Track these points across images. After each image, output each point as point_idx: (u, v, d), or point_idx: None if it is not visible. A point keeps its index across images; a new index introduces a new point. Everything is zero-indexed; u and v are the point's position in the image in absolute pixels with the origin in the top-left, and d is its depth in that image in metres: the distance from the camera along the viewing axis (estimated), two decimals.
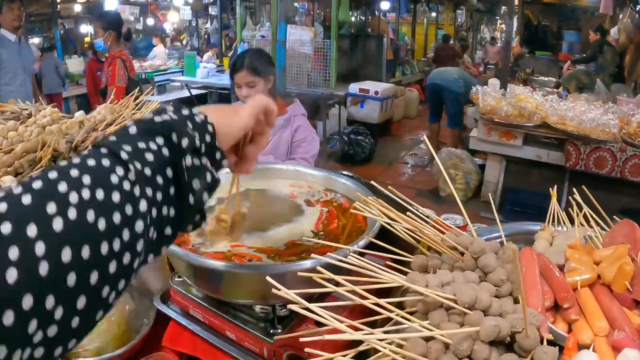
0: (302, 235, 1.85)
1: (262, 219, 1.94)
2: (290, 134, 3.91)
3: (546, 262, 1.67)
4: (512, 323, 1.30)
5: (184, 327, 1.87)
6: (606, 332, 1.46)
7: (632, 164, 6.03)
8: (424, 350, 1.28)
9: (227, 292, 1.73)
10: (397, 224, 1.66)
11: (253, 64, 3.77)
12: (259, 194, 2.18)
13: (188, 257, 1.60)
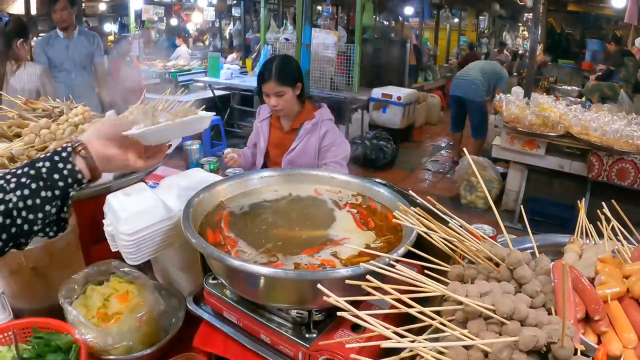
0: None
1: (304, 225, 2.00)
2: (318, 139, 3.94)
3: (577, 274, 1.71)
4: (549, 334, 1.34)
5: (216, 328, 1.89)
6: (635, 344, 1.51)
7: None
8: (465, 358, 1.33)
9: (268, 297, 1.75)
10: (435, 234, 1.70)
11: (281, 74, 3.80)
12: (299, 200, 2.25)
13: (224, 260, 1.63)
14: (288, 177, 2.39)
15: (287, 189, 2.31)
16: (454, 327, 1.39)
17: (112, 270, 2.10)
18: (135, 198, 2.04)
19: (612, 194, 6.23)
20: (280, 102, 3.85)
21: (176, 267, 2.27)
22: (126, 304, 1.98)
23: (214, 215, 2.03)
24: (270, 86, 3.82)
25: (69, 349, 1.75)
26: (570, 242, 2.04)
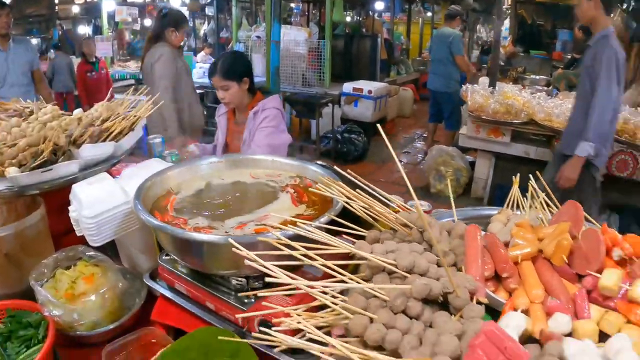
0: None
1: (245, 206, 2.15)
2: (255, 125, 4.07)
3: (492, 239, 1.82)
4: (443, 284, 1.48)
5: (170, 301, 2.05)
6: (541, 299, 1.60)
7: (619, 159, 6.11)
8: (365, 305, 1.46)
9: (199, 262, 1.94)
10: (355, 203, 1.85)
11: (225, 68, 3.98)
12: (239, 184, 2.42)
13: (166, 229, 1.83)
14: (234, 162, 2.57)
15: (232, 174, 2.49)
16: (355, 278, 1.53)
17: (79, 255, 2.29)
18: (97, 186, 2.27)
19: None
20: (226, 95, 4.04)
21: (138, 250, 2.44)
22: (91, 284, 2.14)
23: (163, 200, 2.20)
24: (215, 80, 4.01)
25: (39, 325, 1.90)
26: (498, 213, 2.14)
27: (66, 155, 2.63)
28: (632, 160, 6.05)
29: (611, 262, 1.75)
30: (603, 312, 1.57)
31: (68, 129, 2.71)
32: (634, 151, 6.01)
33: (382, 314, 1.42)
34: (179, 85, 5.91)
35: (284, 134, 4.18)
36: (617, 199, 6.52)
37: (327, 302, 1.47)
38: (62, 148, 2.60)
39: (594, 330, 1.48)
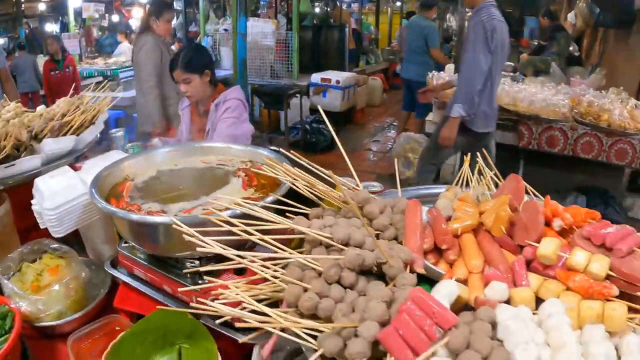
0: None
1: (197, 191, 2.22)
2: (218, 117, 4.12)
3: (435, 213, 1.85)
4: (377, 255, 1.52)
5: (131, 287, 2.12)
6: (480, 270, 1.64)
7: (584, 142, 6.17)
8: (300, 276, 1.52)
9: (151, 245, 2.02)
10: (299, 183, 1.91)
11: (186, 62, 4.00)
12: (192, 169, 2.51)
13: (115, 213, 1.95)
14: (188, 150, 2.66)
15: (186, 162, 2.57)
16: (292, 251, 1.58)
17: (44, 248, 2.35)
18: (58, 178, 2.33)
19: (544, 161, 6.47)
20: (188, 88, 4.06)
21: (101, 241, 2.51)
22: (56, 275, 2.20)
23: (119, 187, 2.27)
24: (177, 74, 4.03)
25: (5, 316, 1.91)
26: (446, 190, 2.17)
27: (28, 150, 2.70)
28: (596, 142, 6.12)
29: (552, 232, 1.78)
30: (542, 280, 1.60)
31: (30, 125, 2.77)
32: (598, 133, 6.06)
33: (315, 283, 1.46)
34: (165, 75, 5.87)
35: (245, 124, 4.22)
36: (583, 180, 6.63)
37: (265, 275, 1.53)
38: (24, 144, 2.67)
39: (529, 297, 1.51)
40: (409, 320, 1.28)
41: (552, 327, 1.36)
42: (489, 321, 1.36)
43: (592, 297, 1.51)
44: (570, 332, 1.33)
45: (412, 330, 1.27)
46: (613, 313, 1.44)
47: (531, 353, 1.27)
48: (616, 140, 6.03)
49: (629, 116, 5.98)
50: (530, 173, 6.49)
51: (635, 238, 1.63)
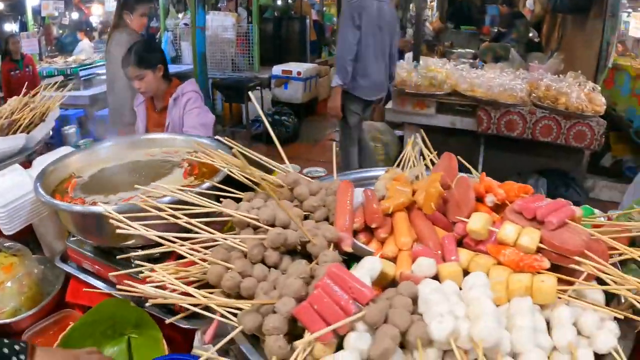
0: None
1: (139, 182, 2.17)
2: (180, 110, 4.11)
3: (367, 193, 1.84)
4: (300, 234, 1.55)
5: (80, 280, 2.16)
6: (409, 247, 1.64)
7: (542, 125, 6.19)
8: (225, 257, 1.55)
9: (91, 236, 2.08)
10: (235, 169, 1.97)
11: (138, 58, 4.00)
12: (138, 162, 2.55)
13: (56, 205, 2.02)
14: (133, 144, 2.70)
15: (131, 155, 2.61)
16: (217, 233, 1.62)
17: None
18: (8, 176, 2.36)
19: (505, 145, 6.50)
20: (142, 84, 4.07)
21: (53, 237, 2.52)
22: (9, 273, 2.21)
23: (64, 183, 2.33)
24: (130, 71, 4.03)
25: None
26: (385, 171, 2.16)
27: None
28: (555, 125, 6.15)
29: (485, 208, 1.78)
30: (472, 256, 1.60)
31: None
32: (557, 116, 6.10)
33: (238, 263, 1.50)
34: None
35: (209, 113, 4.27)
36: (544, 163, 6.67)
37: (192, 258, 1.58)
38: None
39: (456, 272, 1.51)
40: (324, 296, 1.28)
41: (472, 299, 1.35)
42: (410, 296, 1.37)
43: (523, 270, 1.50)
44: (490, 303, 1.32)
45: (327, 305, 1.28)
46: (542, 285, 1.43)
47: (446, 325, 1.26)
48: (574, 123, 6.06)
49: (587, 99, 6.01)
50: (491, 157, 6.63)
51: (567, 211, 1.63)
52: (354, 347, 1.28)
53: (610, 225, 1.87)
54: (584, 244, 1.50)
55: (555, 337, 1.38)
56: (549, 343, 1.37)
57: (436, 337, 1.27)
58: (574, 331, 1.39)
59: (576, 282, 1.47)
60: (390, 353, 1.24)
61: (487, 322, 1.24)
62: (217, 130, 10.07)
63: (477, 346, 1.22)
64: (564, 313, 1.41)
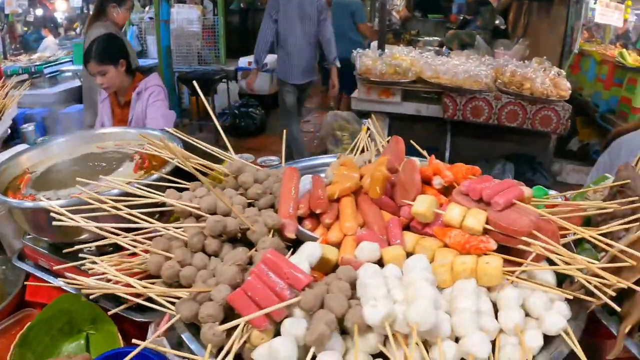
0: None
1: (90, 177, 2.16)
2: (144, 104, 4.07)
3: (315, 179, 1.81)
4: (239, 222, 1.55)
5: (38, 278, 2.13)
6: (353, 232, 1.61)
7: (508, 110, 6.21)
8: (166, 247, 1.55)
9: (41, 232, 2.07)
10: (184, 160, 1.88)
11: (99, 53, 3.95)
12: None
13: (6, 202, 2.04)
14: (86, 138, 2.70)
15: (84, 149, 2.62)
16: (155, 222, 1.63)
17: None
18: None
19: (471, 131, 6.51)
20: (104, 80, 4.01)
21: (11, 236, 2.54)
22: None
23: (17, 180, 2.33)
24: (92, 67, 3.97)
25: None
26: (337, 158, 2.13)
27: None
28: (520, 111, 6.17)
29: (433, 190, 1.75)
30: (418, 239, 1.57)
31: None
32: (522, 101, 6.12)
33: (178, 252, 1.51)
34: None
35: (170, 109, 4.25)
36: (511, 148, 6.71)
37: (133, 250, 1.60)
38: None
39: (399, 255, 1.49)
40: (259, 282, 1.28)
41: (410, 282, 1.32)
42: (348, 280, 1.35)
43: (470, 252, 1.48)
44: (427, 286, 1.29)
45: (261, 291, 1.28)
46: (486, 267, 1.40)
47: (380, 309, 1.24)
48: (540, 107, 6.09)
49: (552, 84, 6.03)
50: (459, 144, 6.62)
51: (514, 191, 1.60)
52: (290, 332, 1.27)
53: (564, 205, 1.85)
54: (531, 224, 1.47)
55: (502, 319, 1.36)
56: (494, 325, 1.34)
57: (370, 321, 1.25)
58: (521, 313, 1.37)
59: (524, 263, 1.44)
60: (326, 338, 1.23)
61: (421, 306, 1.21)
62: (185, 123, 10.06)
63: (413, 330, 1.19)
64: (510, 294, 1.39)
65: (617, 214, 1.75)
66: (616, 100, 7.21)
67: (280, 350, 1.23)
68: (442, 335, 1.26)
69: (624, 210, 1.73)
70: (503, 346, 1.33)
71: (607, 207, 1.75)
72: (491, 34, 10.69)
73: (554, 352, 1.34)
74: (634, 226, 1.59)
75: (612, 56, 7.73)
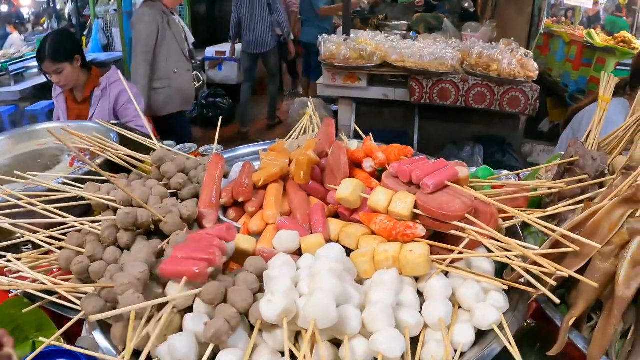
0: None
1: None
2: (110, 103, 4.01)
3: (247, 166, 1.74)
4: (152, 213, 1.52)
5: None
6: (274, 220, 1.56)
7: (475, 92, 6.19)
8: (80, 242, 1.53)
9: None
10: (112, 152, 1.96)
11: (53, 51, 3.86)
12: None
13: None
14: (25, 135, 2.69)
15: (22, 147, 2.61)
16: (68, 216, 1.62)
17: None
18: None
19: (440, 114, 6.47)
20: (61, 78, 3.95)
21: None
22: None
23: None
24: (47, 66, 3.90)
25: None
26: (275, 143, 2.08)
27: None
28: (488, 92, 6.14)
29: (364, 174, 1.65)
30: (342, 226, 1.47)
31: None
32: (490, 83, 6.08)
33: (88, 247, 1.48)
34: (162, 50, 5.73)
35: (141, 99, 4.46)
36: (480, 130, 6.69)
37: (48, 247, 1.59)
38: None
39: (317, 243, 1.41)
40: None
41: (314, 274, 1.21)
42: (257, 272, 1.27)
43: (397, 239, 1.37)
44: (328, 278, 1.18)
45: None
46: (409, 255, 1.30)
47: (276, 305, 1.16)
48: (508, 89, 6.06)
49: (519, 65, 6.00)
50: (427, 127, 6.59)
51: (447, 172, 1.50)
52: (190, 329, 1.22)
53: (510, 186, 1.75)
54: (464, 208, 1.37)
55: (425, 312, 1.25)
56: (416, 320, 1.24)
57: (265, 317, 1.17)
58: (448, 305, 1.26)
59: (455, 250, 1.34)
60: (223, 335, 1.17)
61: (319, 300, 1.11)
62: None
63: (311, 327, 1.12)
64: (436, 285, 1.29)
65: (567, 193, 1.66)
66: (585, 80, 7.22)
67: (177, 347, 1.17)
68: (351, 332, 1.15)
69: (574, 190, 1.64)
70: (427, 342, 1.23)
71: (554, 186, 1.65)
72: (460, 17, 10.66)
73: (486, 350, 1.23)
74: (579, 208, 1.49)
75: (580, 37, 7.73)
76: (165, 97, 5.98)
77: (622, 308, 1.23)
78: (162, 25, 5.76)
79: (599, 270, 1.28)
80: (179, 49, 6.05)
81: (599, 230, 1.32)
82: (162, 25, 5.76)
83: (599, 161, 1.68)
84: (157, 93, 5.92)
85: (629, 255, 1.24)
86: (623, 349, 1.27)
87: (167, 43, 5.80)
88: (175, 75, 5.97)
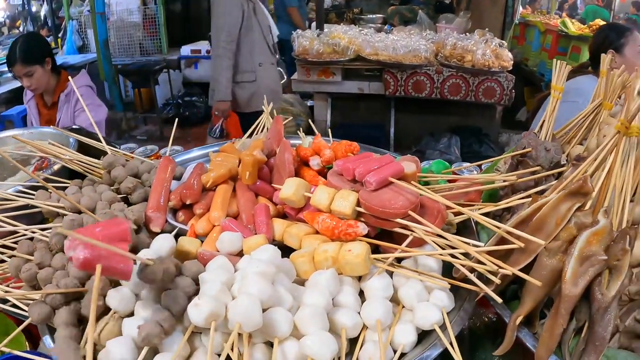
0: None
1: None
2: (72, 107, 3.98)
3: (198, 167, 1.73)
4: (96, 219, 1.52)
5: None
6: (219, 222, 1.56)
7: (450, 84, 6.20)
8: (30, 250, 1.53)
9: None
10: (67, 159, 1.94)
11: (24, 54, 3.83)
12: None
13: None
14: None
15: None
16: (18, 224, 1.62)
17: None
18: None
19: (416, 106, 6.46)
20: (32, 81, 3.90)
21: None
22: None
23: None
24: (17, 69, 3.85)
25: None
26: (232, 142, 2.06)
27: None
28: (463, 83, 6.15)
29: (311, 172, 1.63)
30: (286, 226, 1.45)
31: None
32: (464, 74, 6.09)
33: (37, 254, 1.48)
34: (246, 40, 5.32)
35: (101, 108, 4.19)
36: (457, 121, 6.73)
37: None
38: None
39: (258, 244, 1.38)
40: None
41: (244, 276, 1.20)
42: (193, 276, 1.29)
43: (340, 238, 1.35)
44: (256, 280, 1.17)
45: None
46: (348, 255, 1.28)
47: (203, 309, 1.15)
48: (482, 79, 6.07)
49: (493, 55, 6.02)
50: (404, 120, 6.60)
51: (391, 168, 1.48)
52: (127, 333, 1.23)
53: (462, 180, 1.73)
54: (407, 204, 1.35)
55: (363, 313, 1.23)
56: (354, 321, 1.22)
57: (193, 321, 1.17)
58: (386, 305, 1.25)
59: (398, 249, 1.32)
60: (155, 338, 1.16)
61: (242, 303, 1.12)
62: (129, 117, 9.83)
63: (235, 330, 1.11)
64: (375, 285, 1.27)
65: (521, 186, 1.64)
66: None
67: (111, 352, 1.16)
68: (281, 335, 1.14)
69: (527, 182, 1.62)
70: (366, 343, 1.21)
71: (506, 179, 1.64)
72: (435, 8, 10.65)
73: (425, 351, 1.21)
74: (527, 202, 1.47)
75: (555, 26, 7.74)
76: (250, 92, 5.55)
77: (570, 306, 1.21)
78: (247, 11, 5.26)
79: (545, 267, 1.26)
80: (263, 40, 5.59)
81: (546, 225, 1.30)
82: (248, 11, 5.27)
83: (553, 152, 1.66)
84: (241, 87, 5.49)
85: (576, 251, 1.22)
86: (577, 347, 1.26)
87: (252, 32, 5.35)
88: (260, 69, 5.55)
